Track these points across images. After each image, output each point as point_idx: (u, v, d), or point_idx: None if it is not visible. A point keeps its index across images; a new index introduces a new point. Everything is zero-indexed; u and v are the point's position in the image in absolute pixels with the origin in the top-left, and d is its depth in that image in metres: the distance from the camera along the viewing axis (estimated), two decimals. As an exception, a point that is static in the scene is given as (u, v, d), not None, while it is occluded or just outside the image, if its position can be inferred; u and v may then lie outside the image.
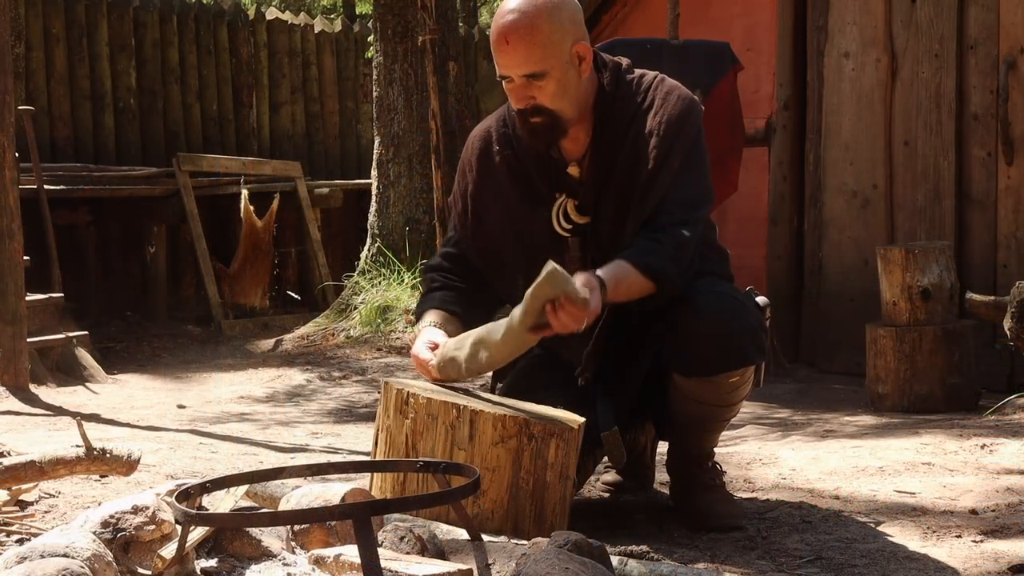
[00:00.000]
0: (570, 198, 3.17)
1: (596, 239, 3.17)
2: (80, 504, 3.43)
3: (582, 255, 3.17)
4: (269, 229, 9.21)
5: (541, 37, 3.03)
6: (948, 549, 3.03)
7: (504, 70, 3.07)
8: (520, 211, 3.22)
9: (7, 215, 5.96)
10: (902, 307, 5.37)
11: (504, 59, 3.06)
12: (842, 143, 6.56)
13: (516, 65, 3.05)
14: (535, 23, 3.02)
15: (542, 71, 3.04)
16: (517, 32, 3.02)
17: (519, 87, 3.07)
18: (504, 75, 3.08)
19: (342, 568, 2.40)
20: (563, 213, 3.18)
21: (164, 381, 7.13)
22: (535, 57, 3.03)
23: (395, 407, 2.96)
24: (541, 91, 3.06)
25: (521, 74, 3.05)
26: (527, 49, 3.03)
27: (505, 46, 3.04)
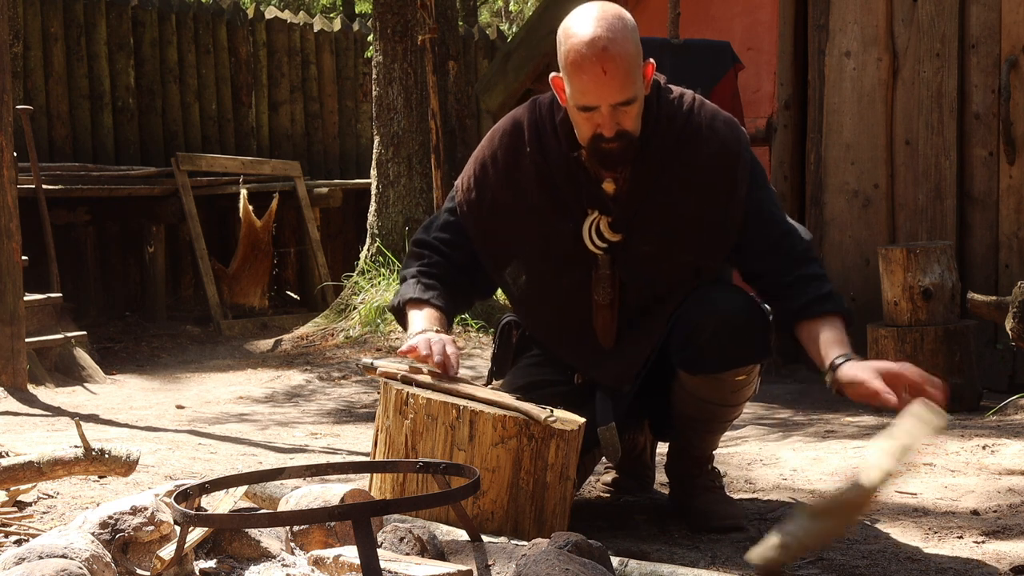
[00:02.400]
0: (603, 214, 3.07)
1: (625, 257, 3.10)
2: (78, 505, 3.42)
3: (612, 272, 3.11)
4: (268, 229, 9.20)
5: (634, 61, 2.92)
6: (950, 550, 3.02)
7: (594, 100, 2.91)
8: (546, 220, 3.11)
9: (5, 214, 5.95)
10: (903, 307, 5.35)
11: (599, 91, 2.90)
12: (843, 142, 6.55)
13: (611, 94, 2.90)
14: (626, 49, 2.90)
15: (633, 96, 2.94)
16: (613, 60, 2.88)
17: (606, 115, 2.93)
18: (591, 105, 2.92)
19: (342, 569, 2.39)
20: (596, 230, 3.08)
21: (163, 381, 7.12)
22: (630, 84, 2.92)
23: (394, 408, 2.95)
24: (626, 116, 2.95)
25: (614, 103, 2.92)
26: (625, 76, 2.90)
27: (603, 77, 2.88)
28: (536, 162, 3.10)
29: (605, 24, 2.92)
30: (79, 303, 8.75)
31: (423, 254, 3.21)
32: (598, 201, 3.07)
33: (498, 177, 3.15)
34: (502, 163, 3.14)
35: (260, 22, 10.77)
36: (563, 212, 3.10)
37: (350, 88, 11.24)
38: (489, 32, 12.21)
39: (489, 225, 3.17)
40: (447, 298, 3.15)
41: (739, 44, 6.43)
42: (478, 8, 15.17)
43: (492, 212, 3.16)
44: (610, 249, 3.09)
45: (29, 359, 6.30)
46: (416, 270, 3.19)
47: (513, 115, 3.20)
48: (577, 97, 2.94)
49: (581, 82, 2.91)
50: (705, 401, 3.19)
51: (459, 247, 3.19)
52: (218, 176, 9.47)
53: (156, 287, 9.25)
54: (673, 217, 3.07)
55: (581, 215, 3.09)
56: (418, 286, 3.15)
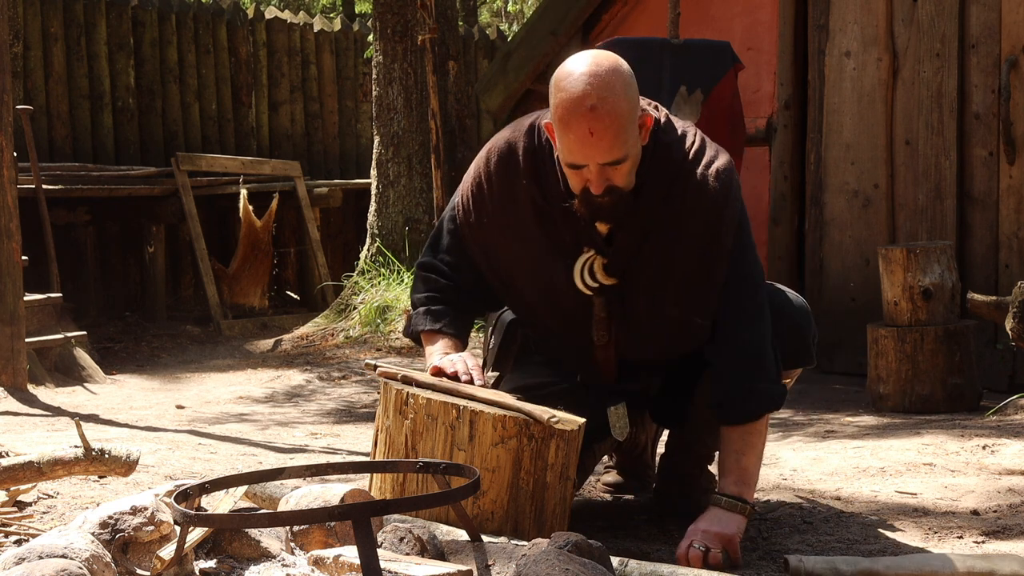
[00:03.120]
0: (598, 255, 2.99)
1: (622, 303, 3.03)
2: (78, 505, 3.41)
3: (607, 316, 3.04)
4: (268, 229, 9.20)
5: (624, 122, 2.80)
6: (950, 550, 3.02)
7: (581, 159, 2.82)
8: (541, 253, 3.04)
9: (5, 214, 5.95)
10: (903, 307, 5.36)
11: (585, 150, 2.80)
12: (843, 142, 6.55)
13: (599, 155, 2.80)
14: (618, 109, 2.78)
15: (624, 156, 2.83)
16: (601, 122, 2.77)
17: (595, 173, 2.83)
18: (578, 163, 2.84)
19: (341, 569, 2.39)
20: (589, 270, 3.00)
21: (163, 381, 7.12)
22: (619, 144, 2.80)
23: (394, 408, 2.95)
24: (616, 173, 2.85)
25: (603, 163, 2.82)
26: (614, 138, 2.79)
27: (590, 138, 2.78)
28: (532, 193, 3.02)
29: (597, 82, 2.78)
30: (79, 303, 8.75)
31: (430, 278, 3.17)
32: (592, 241, 2.99)
33: (493, 201, 3.07)
34: (497, 188, 3.07)
35: (260, 22, 10.76)
36: (559, 248, 3.02)
37: (350, 88, 11.24)
38: (489, 32, 12.21)
39: (490, 247, 3.11)
40: (459, 322, 3.13)
41: (739, 44, 6.43)
42: (478, 8, 15.17)
43: (491, 234, 3.10)
44: (603, 292, 3.02)
45: (29, 359, 6.30)
46: (425, 296, 3.16)
47: (509, 138, 3.09)
48: (565, 155, 2.85)
49: (568, 141, 2.82)
50: None
51: (464, 269, 3.14)
52: (218, 176, 9.47)
53: (156, 287, 9.24)
54: (663, 268, 3.00)
55: (576, 253, 3.01)
56: (428, 316, 3.13)
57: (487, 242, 3.11)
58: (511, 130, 3.11)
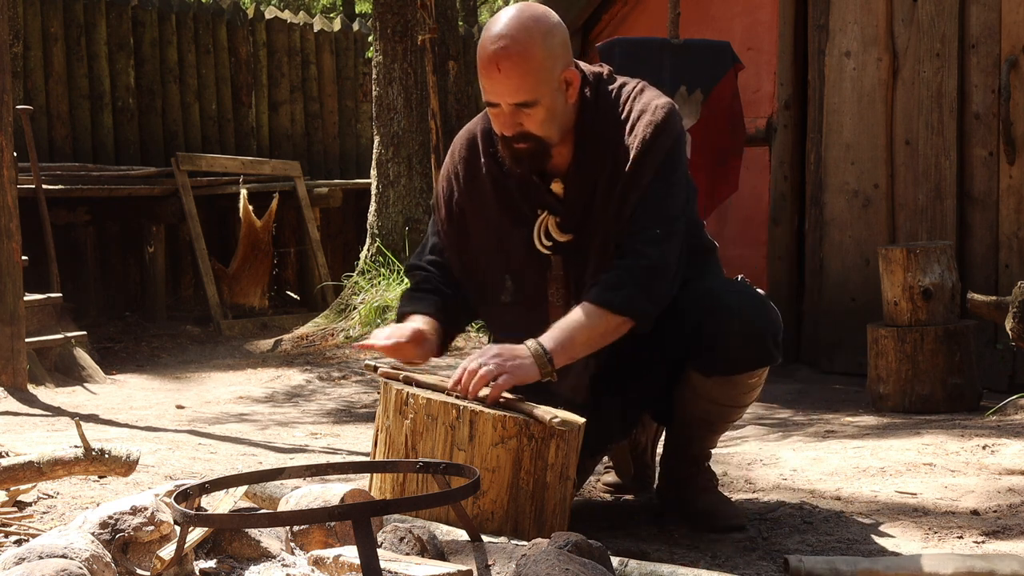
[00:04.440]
0: (552, 215, 3.08)
1: (579, 258, 3.09)
2: (78, 505, 3.41)
3: (564, 273, 3.10)
4: (268, 229, 9.20)
5: (534, 65, 2.92)
6: (950, 550, 3.02)
7: (492, 97, 2.96)
8: (502, 227, 3.13)
9: (5, 214, 5.95)
10: (903, 307, 5.35)
11: (494, 86, 2.94)
12: (843, 142, 6.55)
13: (507, 93, 2.94)
14: (528, 51, 2.91)
15: (533, 100, 2.94)
16: (509, 59, 2.91)
17: (507, 114, 2.97)
18: (491, 101, 2.97)
19: (341, 569, 2.39)
20: (544, 231, 3.09)
21: (163, 381, 7.12)
22: (527, 86, 2.93)
23: (394, 408, 2.95)
24: (529, 118, 2.97)
25: (511, 102, 2.95)
26: (520, 78, 2.92)
27: (496, 74, 2.92)
28: (491, 170, 3.12)
29: (515, 24, 2.92)
30: (79, 303, 8.75)
31: (414, 275, 3.26)
32: (547, 202, 3.08)
33: (460, 191, 3.17)
34: (462, 176, 3.17)
35: (260, 22, 10.76)
36: (517, 217, 3.11)
37: (350, 88, 11.24)
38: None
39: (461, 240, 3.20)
40: (438, 306, 3.16)
41: (739, 44, 6.43)
42: (478, 8, 15.17)
43: (461, 227, 3.19)
44: (560, 249, 3.08)
45: (29, 359, 6.30)
46: (408, 289, 3.26)
47: (468, 126, 3.22)
48: (483, 92, 2.99)
49: (481, 78, 2.96)
50: (715, 402, 3.18)
51: (446, 266, 3.23)
52: (218, 176, 9.47)
53: (156, 287, 9.25)
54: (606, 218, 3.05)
55: (533, 218, 3.10)
56: (409, 302, 3.20)
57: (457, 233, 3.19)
58: (473, 120, 3.24)
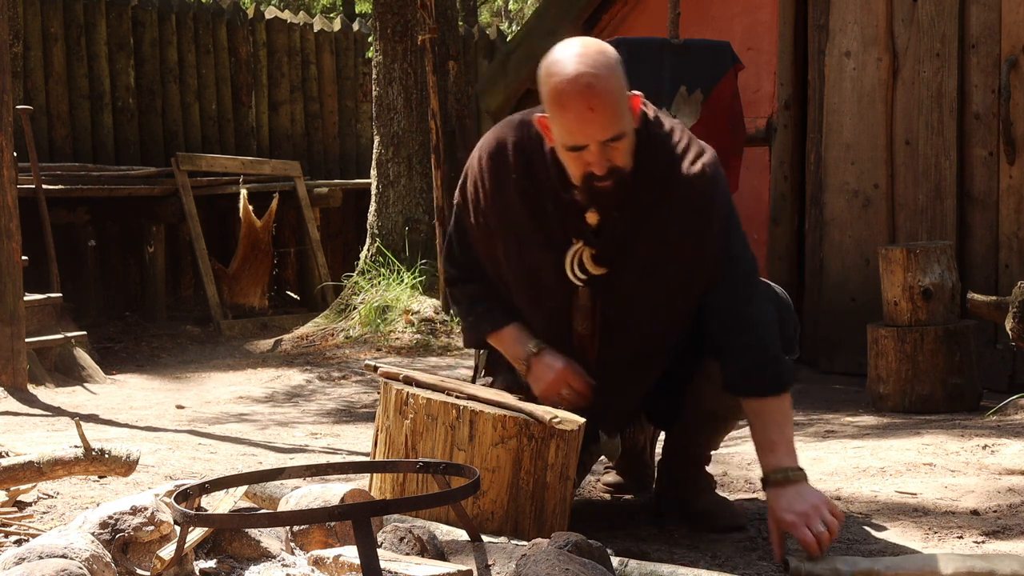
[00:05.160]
0: (587, 246, 3.00)
1: (609, 293, 3.03)
2: (78, 505, 3.41)
3: (592, 306, 3.05)
4: (268, 229, 9.20)
5: (617, 96, 2.82)
6: (950, 550, 3.02)
7: (581, 139, 2.82)
8: (532, 247, 3.05)
9: (5, 214, 5.95)
10: (903, 307, 5.35)
11: (585, 128, 2.81)
12: (843, 142, 6.55)
13: (599, 132, 2.81)
14: (610, 84, 2.80)
15: (622, 132, 2.85)
16: (597, 97, 2.79)
17: (596, 153, 2.83)
18: (579, 145, 2.83)
19: (341, 569, 2.39)
20: (578, 261, 3.01)
21: (163, 381, 7.12)
22: (617, 120, 2.82)
23: (395, 408, 2.95)
24: (616, 152, 2.86)
25: (603, 139, 2.82)
26: (612, 113, 2.81)
27: (590, 114, 2.78)
28: (523, 187, 3.03)
29: (587, 60, 2.82)
30: (79, 303, 8.75)
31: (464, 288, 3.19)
32: (581, 231, 3.00)
33: (487, 199, 3.08)
34: (489, 185, 3.08)
35: (260, 22, 10.76)
36: (549, 240, 3.03)
37: (350, 88, 11.24)
38: (489, 32, 12.21)
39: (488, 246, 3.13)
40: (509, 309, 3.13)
41: (739, 44, 6.42)
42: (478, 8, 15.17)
43: (487, 233, 3.11)
44: (591, 282, 3.02)
45: (29, 359, 6.30)
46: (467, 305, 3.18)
47: (498, 135, 3.11)
48: (565, 137, 2.85)
49: (567, 121, 2.83)
50: (728, 407, 3.16)
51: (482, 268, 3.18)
52: (218, 176, 9.47)
53: (156, 287, 9.24)
54: (651, 257, 3.00)
55: (566, 244, 3.02)
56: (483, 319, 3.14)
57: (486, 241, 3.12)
58: (499, 128, 3.13)
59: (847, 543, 3.09)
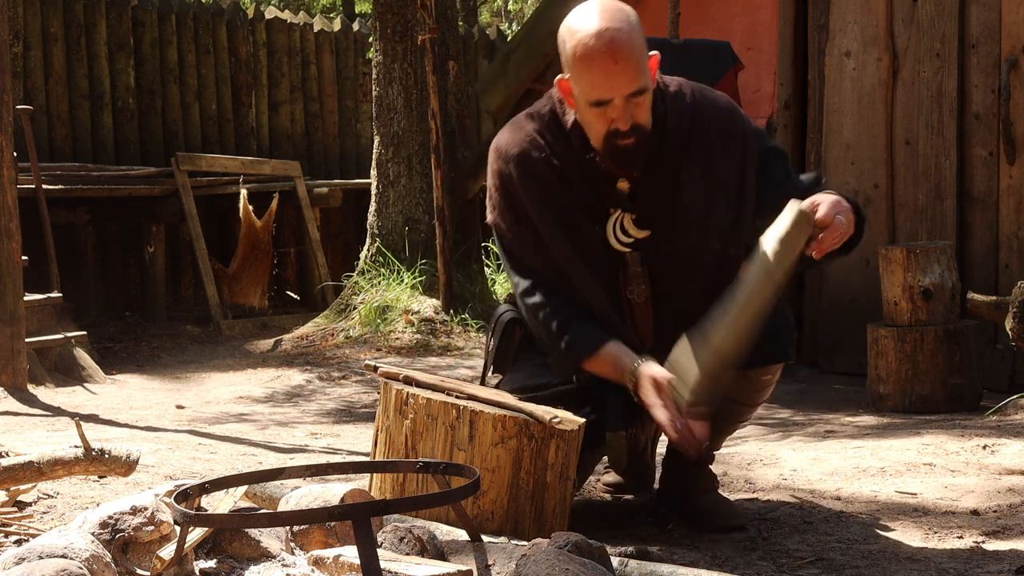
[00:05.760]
0: (625, 212, 3.05)
1: (658, 253, 3.07)
2: (78, 505, 3.41)
3: (642, 271, 3.08)
4: (268, 229, 9.20)
5: (640, 51, 2.91)
6: (950, 550, 3.02)
7: (606, 92, 2.89)
8: (572, 224, 3.07)
9: (5, 214, 5.95)
10: (903, 307, 5.35)
11: (609, 80, 2.88)
12: (843, 142, 6.55)
13: (623, 84, 2.88)
14: (632, 37, 2.90)
15: (644, 86, 2.92)
16: (621, 50, 2.87)
17: (620, 108, 2.90)
18: (604, 99, 2.90)
19: (341, 569, 2.39)
20: (620, 227, 3.05)
21: (163, 381, 7.12)
22: (640, 73, 2.90)
23: (395, 408, 2.95)
24: (639, 108, 2.93)
25: (627, 93, 2.90)
26: (635, 66, 2.89)
27: (614, 66, 2.87)
28: (552, 168, 3.06)
29: (608, 16, 2.91)
30: (79, 303, 8.75)
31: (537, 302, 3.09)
32: (616, 199, 3.06)
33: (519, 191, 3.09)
34: (517, 177, 3.09)
35: (260, 22, 10.76)
36: (586, 214, 3.06)
37: (350, 88, 11.24)
38: (489, 32, 12.21)
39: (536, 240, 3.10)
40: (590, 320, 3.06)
41: (739, 44, 6.44)
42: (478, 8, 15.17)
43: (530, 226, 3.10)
44: (637, 246, 3.07)
45: (29, 359, 6.30)
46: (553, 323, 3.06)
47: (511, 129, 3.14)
48: (589, 92, 2.91)
49: (592, 75, 2.89)
50: (728, 399, 3.17)
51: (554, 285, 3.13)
52: (218, 176, 9.47)
53: (156, 287, 9.24)
54: (695, 207, 3.05)
55: (604, 215, 3.06)
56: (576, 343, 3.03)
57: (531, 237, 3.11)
58: (510, 125, 3.17)
59: (847, 543, 3.09)
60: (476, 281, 8.52)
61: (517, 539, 2.73)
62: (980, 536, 3.12)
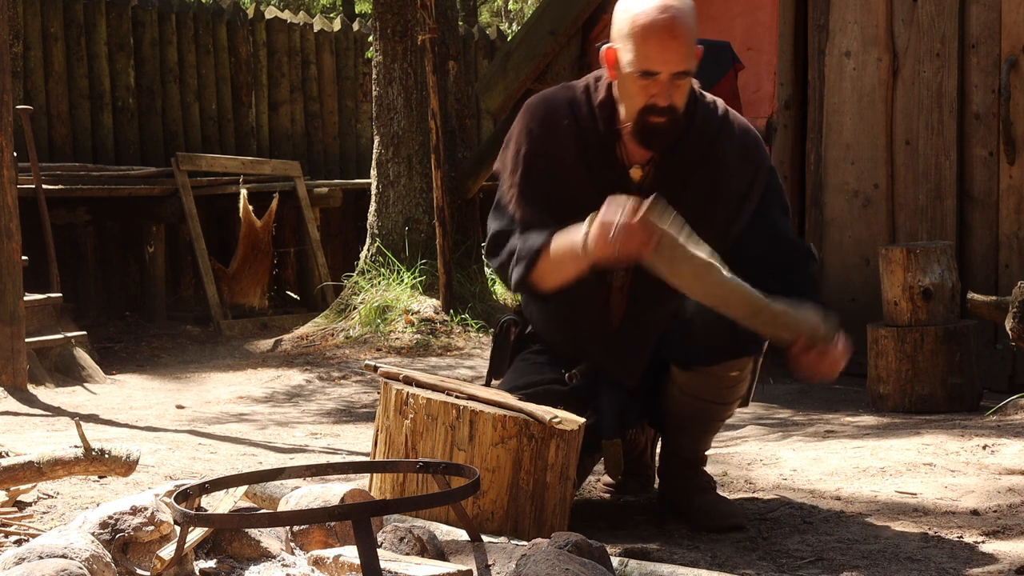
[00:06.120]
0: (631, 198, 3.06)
1: None
2: (78, 505, 3.41)
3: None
4: (268, 229, 9.20)
5: (693, 36, 3.03)
6: (950, 550, 3.02)
7: (658, 65, 2.98)
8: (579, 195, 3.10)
9: (5, 214, 5.95)
10: (903, 307, 5.35)
11: (664, 54, 2.98)
12: (843, 142, 6.55)
13: (675, 61, 2.99)
14: (690, 22, 3.01)
15: (690, 70, 3.03)
16: (681, 28, 2.98)
17: (665, 83, 3.00)
18: (654, 71, 2.99)
19: (341, 569, 2.39)
20: None
21: (163, 381, 7.12)
22: (690, 55, 3.01)
23: (395, 407, 2.95)
24: (678, 91, 3.03)
25: (675, 71, 2.99)
26: (688, 46, 3.00)
27: (672, 41, 2.97)
28: (575, 137, 3.13)
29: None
30: (79, 303, 8.75)
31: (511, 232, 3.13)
32: (628, 184, 3.10)
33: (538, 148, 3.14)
34: (538, 136, 3.15)
35: (260, 22, 10.76)
36: (594, 189, 3.09)
37: (350, 88, 11.24)
38: (489, 32, 12.21)
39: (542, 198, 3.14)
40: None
41: (739, 44, 6.43)
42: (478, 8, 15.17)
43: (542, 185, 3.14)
44: None
45: (29, 359, 6.30)
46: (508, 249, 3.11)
47: (545, 93, 3.22)
48: (641, 61, 2.99)
49: (648, 46, 2.98)
50: (698, 399, 3.19)
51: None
52: (218, 176, 9.47)
53: (156, 287, 9.24)
54: (696, 209, 3.07)
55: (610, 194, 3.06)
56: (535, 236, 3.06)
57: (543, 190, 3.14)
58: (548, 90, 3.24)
59: (847, 543, 3.09)
60: (476, 281, 8.52)
61: (517, 539, 2.73)
62: (980, 536, 3.12)
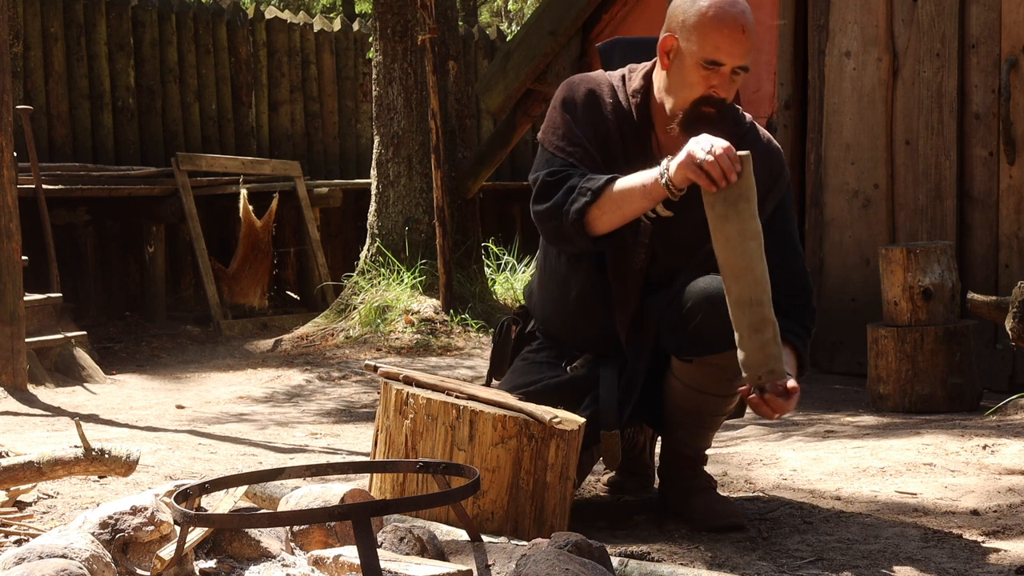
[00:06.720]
0: None
1: (667, 232, 3.20)
2: (78, 505, 3.42)
3: (649, 242, 3.20)
4: (268, 229, 9.20)
5: (755, 35, 3.14)
6: (950, 550, 3.02)
7: (724, 56, 3.07)
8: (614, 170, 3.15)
9: (5, 214, 5.95)
10: (903, 307, 5.35)
11: (732, 46, 3.07)
12: (843, 142, 6.55)
13: (741, 55, 3.09)
14: (752, 22, 3.12)
15: (748, 67, 3.12)
16: (749, 24, 3.10)
17: (726, 76, 3.08)
18: (720, 61, 3.07)
19: (341, 569, 2.39)
20: None
21: (163, 381, 7.12)
22: (750, 52, 3.10)
23: (395, 407, 2.95)
24: (735, 86, 3.12)
25: (738, 65, 3.09)
26: (751, 43, 3.10)
27: (741, 35, 3.07)
28: (616, 115, 3.20)
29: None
30: (79, 303, 8.75)
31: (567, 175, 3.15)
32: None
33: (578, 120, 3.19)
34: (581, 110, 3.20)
35: (260, 22, 10.76)
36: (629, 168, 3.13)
37: (350, 88, 11.24)
38: (489, 32, 12.21)
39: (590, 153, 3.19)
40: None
41: (739, 44, 6.42)
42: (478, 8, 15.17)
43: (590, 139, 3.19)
44: (656, 221, 3.19)
45: (29, 359, 6.30)
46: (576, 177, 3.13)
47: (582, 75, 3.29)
48: (708, 51, 3.06)
49: (718, 36, 3.06)
50: (699, 391, 3.19)
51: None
52: (218, 176, 9.47)
53: (156, 287, 9.24)
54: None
55: None
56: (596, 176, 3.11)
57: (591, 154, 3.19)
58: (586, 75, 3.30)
59: (847, 543, 3.09)
60: (476, 281, 8.52)
61: (517, 539, 2.74)
62: (980, 536, 3.12)
